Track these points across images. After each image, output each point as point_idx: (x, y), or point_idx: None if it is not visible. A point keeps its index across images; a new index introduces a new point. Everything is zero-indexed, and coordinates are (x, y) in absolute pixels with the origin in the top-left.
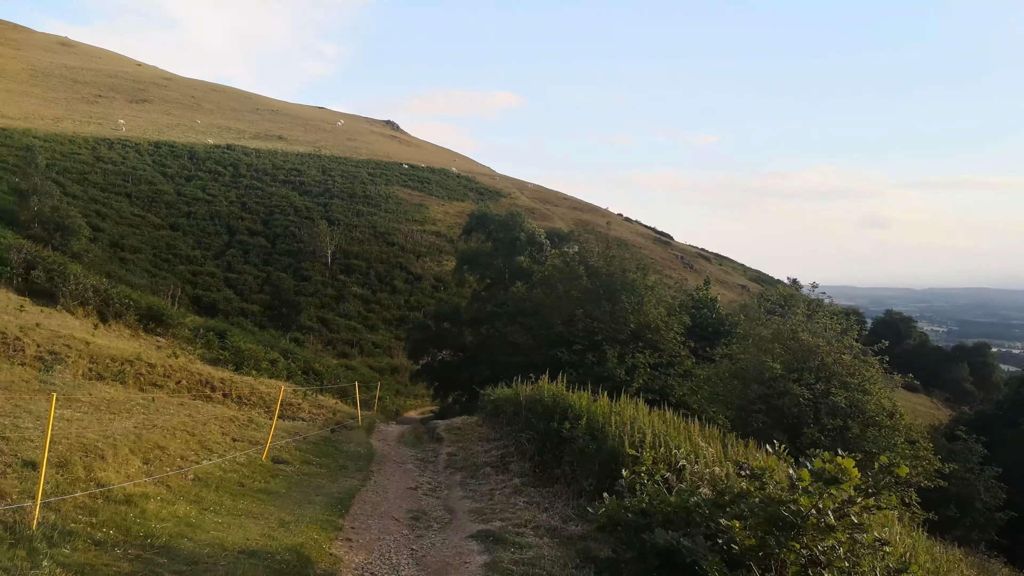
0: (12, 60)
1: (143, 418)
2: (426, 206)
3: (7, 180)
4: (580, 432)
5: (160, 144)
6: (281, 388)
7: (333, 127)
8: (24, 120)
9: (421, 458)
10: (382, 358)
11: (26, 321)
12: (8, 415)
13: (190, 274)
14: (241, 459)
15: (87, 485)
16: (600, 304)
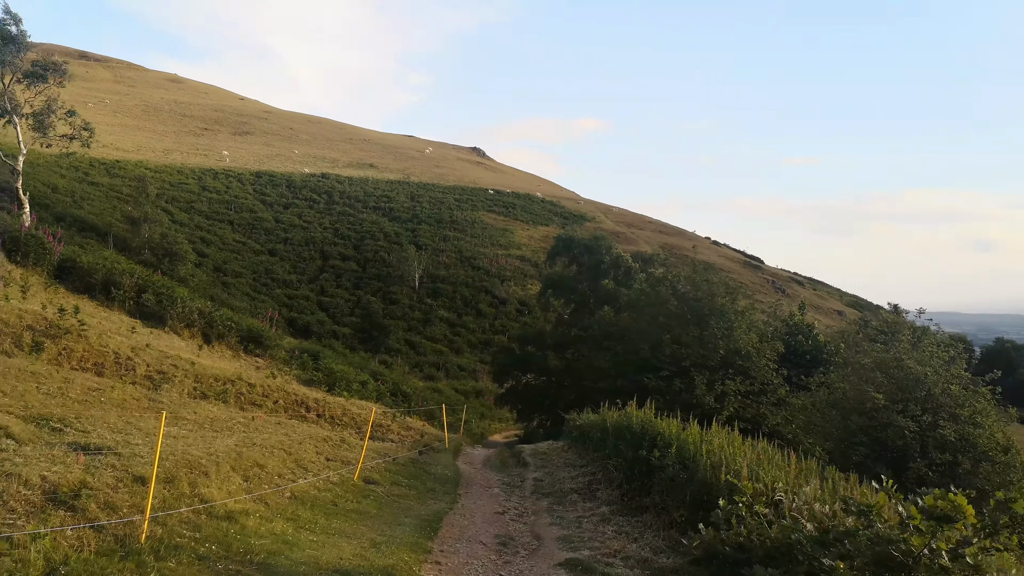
0: (127, 97)
1: (243, 436)
2: (511, 231)
3: (121, 209)
4: (670, 461)
5: (260, 174)
6: (372, 410)
7: (421, 154)
8: (137, 152)
9: (507, 482)
10: (467, 381)
11: (137, 342)
12: (120, 432)
13: (286, 297)
14: (334, 479)
15: (191, 501)
16: (688, 329)
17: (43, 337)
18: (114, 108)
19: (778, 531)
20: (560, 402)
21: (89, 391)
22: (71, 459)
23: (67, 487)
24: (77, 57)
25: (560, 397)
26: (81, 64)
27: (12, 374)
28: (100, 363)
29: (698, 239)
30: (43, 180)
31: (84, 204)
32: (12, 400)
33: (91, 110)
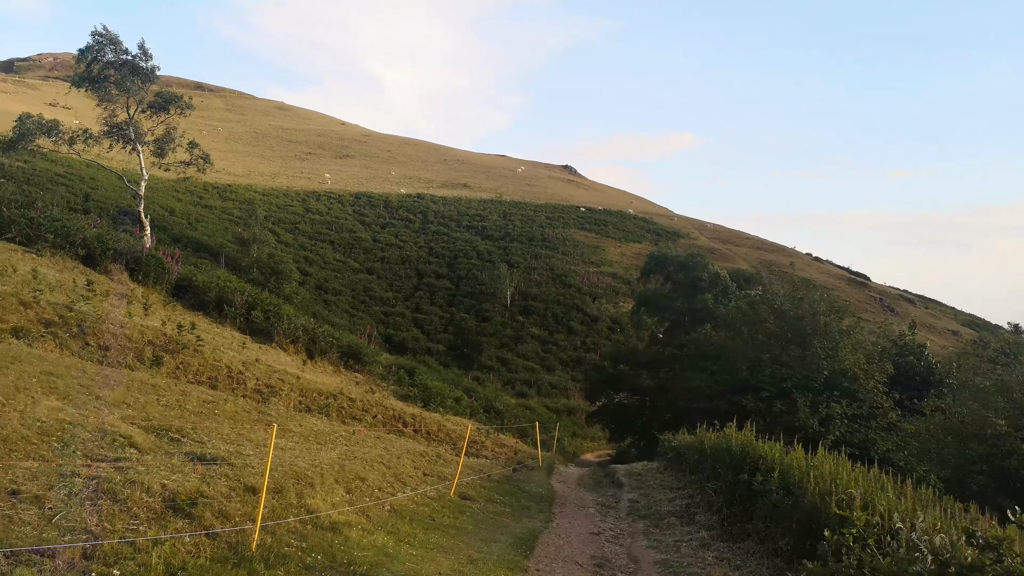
0: (238, 124)
1: (345, 449)
2: (603, 248)
3: (232, 230)
4: (774, 486)
5: (360, 195)
6: (468, 426)
7: (513, 173)
8: (247, 176)
9: (602, 503)
10: (559, 399)
11: (247, 357)
12: (233, 443)
13: (383, 314)
14: (431, 493)
15: (298, 511)
16: (789, 349)
17: (163, 352)
18: (226, 135)
19: (893, 563)
20: (654, 422)
21: (204, 403)
22: (189, 468)
23: (185, 495)
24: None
25: (654, 417)
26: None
27: (135, 387)
28: (214, 377)
29: (798, 255)
30: (162, 204)
31: (198, 226)
32: (135, 411)
33: (205, 137)
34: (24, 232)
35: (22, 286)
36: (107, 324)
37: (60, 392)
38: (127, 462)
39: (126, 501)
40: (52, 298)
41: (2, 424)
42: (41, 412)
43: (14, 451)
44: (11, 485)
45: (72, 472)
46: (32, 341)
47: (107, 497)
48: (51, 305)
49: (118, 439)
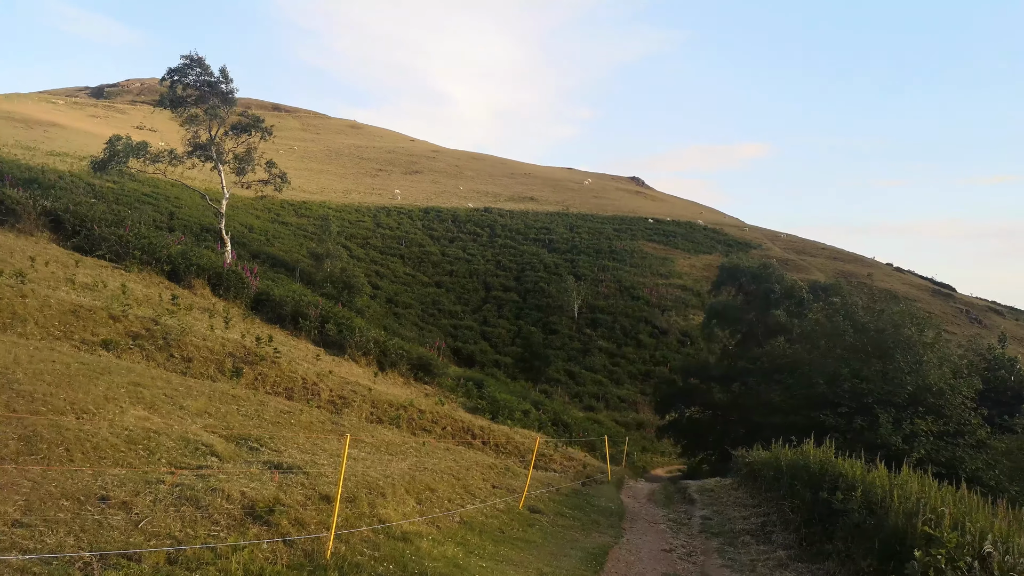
0: (313, 144)
1: (415, 460)
2: (672, 259)
3: (306, 246)
4: (855, 505)
5: (428, 210)
6: (536, 439)
7: (580, 186)
8: (321, 194)
9: (673, 519)
10: (627, 413)
11: (321, 368)
12: (308, 452)
13: (452, 327)
14: (500, 506)
15: (370, 520)
16: (869, 362)
17: (242, 363)
18: (301, 154)
19: None
20: (726, 437)
21: (281, 413)
22: (266, 477)
23: (263, 503)
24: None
25: (726, 432)
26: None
27: (216, 397)
28: (290, 388)
29: (878, 266)
30: (241, 221)
31: (275, 242)
32: (216, 421)
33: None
34: (114, 249)
35: (112, 301)
36: (190, 337)
37: (146, 402)
38: (208, 470)
39: (207, 508)
40: (139, 312)
41: (93, 432)
42: (129, 421)
43: (104, 458)
44: (101, 491)
45: (157, 479)
46: (120, 353)
47: (190, 503)
48: (138, 319)
49: (200, 447)
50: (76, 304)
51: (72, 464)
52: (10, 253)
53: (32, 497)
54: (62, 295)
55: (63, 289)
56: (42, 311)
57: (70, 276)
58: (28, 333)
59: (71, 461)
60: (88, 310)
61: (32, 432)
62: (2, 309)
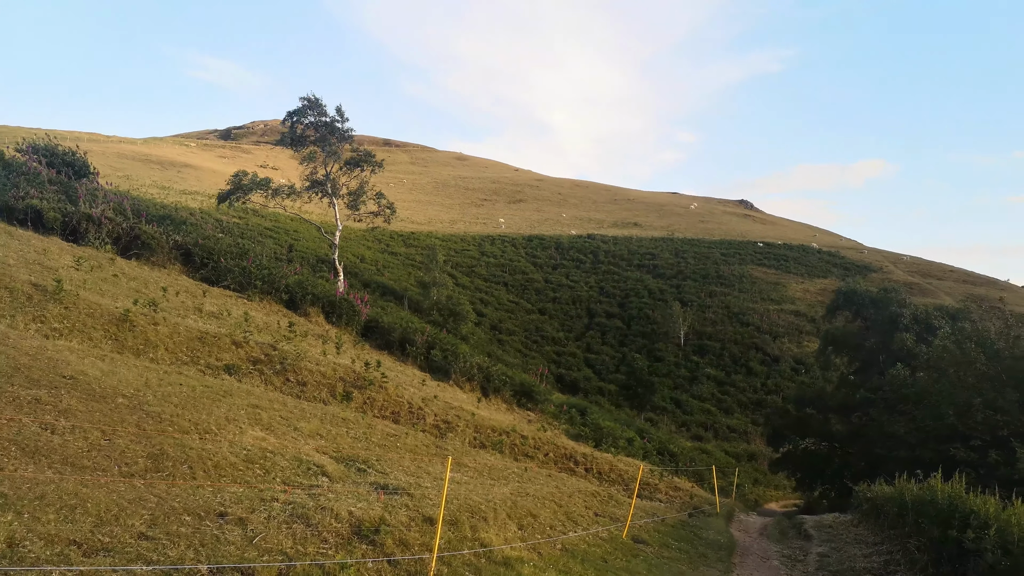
0: (421, 176)
1: (517, 486)
2: (783, 284)
3: (414, 275)
4: (989, 544)
5: (532, 237)
6: (640, 467)
7: (685, 210)
8: (428, 224)
9: (787, 555)
10: (738, 443)
11: (427, 393)
12: (413, 475)
13: (555, 354)
14: (603, 534)
15: (472, 544)
16: (1004, 392)
17: (352, 388)
18: (410, 186)
19: None
20: (846, 471)
21: (387, 436)
22: (373, 497)
23: (369, 523)
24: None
25: (845, 465)
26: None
27: (328, 419)
28: (396, 411)
29: (1013, 289)
30: (353, 252)
31: (385, 272)
32: (327, 442)
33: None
34: (237, 280)
35: (234, 328)
36: (304, 362)
37: (263, 423)
38: (319, 489)
39: (317, 526)
40: (259, 338)
41: (214, 452)
42: (247, 441)
43: (223, 476)
44: (220, 507)
45: (272, 497)
46: (241, 377)
47: (301, 521)
48: (258, 345)
49: (312, 468)
50: (202, 331)
51: (194, 481)
52: (144, 284)
53: (157, 512)
54: (190, 323)
55: (191, 317)
56: (172, 338)
57: (198, 305)
58: (159, 358)
59: (193, 478)
60: (213, 337)
61: (159, 451)
62: (136, 336)
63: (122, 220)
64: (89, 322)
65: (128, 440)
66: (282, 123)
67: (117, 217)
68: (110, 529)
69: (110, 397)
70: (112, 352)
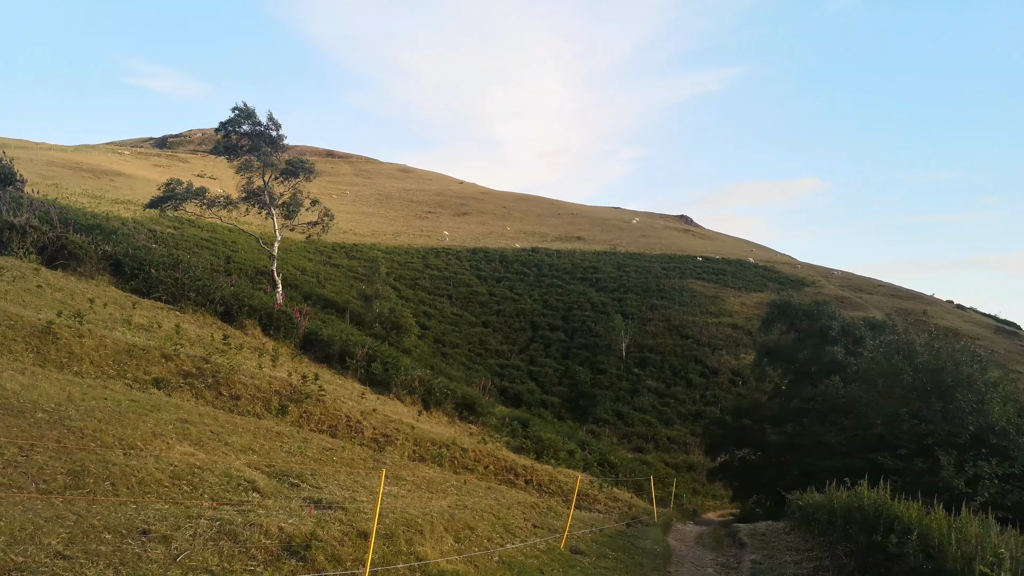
0: (365, 188)
1: (456, 499)
2: (722, 298)
3: (356, 287)
4: (911, 549)
5: (476, 250)
6: (578, 478)
7: (628, 225)
8: (371, 236)
9: (721, 563)
10: (677, 454)
11: (366, 407)
12: (348, 489)
13: (498, 367)
14: (541, 546)
15: (408, 558)
16: (929, 402)
17: (288, 401)
18: (353, 198)
19: None
20: (780, 480)
21: (323, 450)
22: (305, 512)
23: (300, 538)
24: (324, 155)
25: (780, 475)
26: (327, 161)
27: (261, 434)
28: (334, 425)
29: (937, 303)
30: (294, 264)
31: (326, 284)
32: (260, 457)
33: (334, 200)
34: (170, 291)
35: (165, 340)
36: (238, 375)
37: (193, 439)
38: (249, 505)
39: (245, 542)
40: (191, 351)
41: (139, 468)
42: (175, 457)
43: (148, 493)
44: (143, 525)
45: (198, 514)
46: (171, 391)
47: (228, 538)
48: (190, 358)
49: (242, 483)
50: (130, 344)
51: (117, 498)
52: (71, 295)
53: (76, 530)
54: (118, 335)
55: (119, 330)
56: (97, 351)
57: (127, 317)
58: (83, 372)
59: (116, 495)
60: (142, 349)
61: (80, 467)
62: (59, 349)
63: (48, 229)
64: (10, 334)
65: (47, 456)
66: (216, 132)
67: (43, 226)
68: (24, 548)
69: (29, 412)
70: (33, 365)
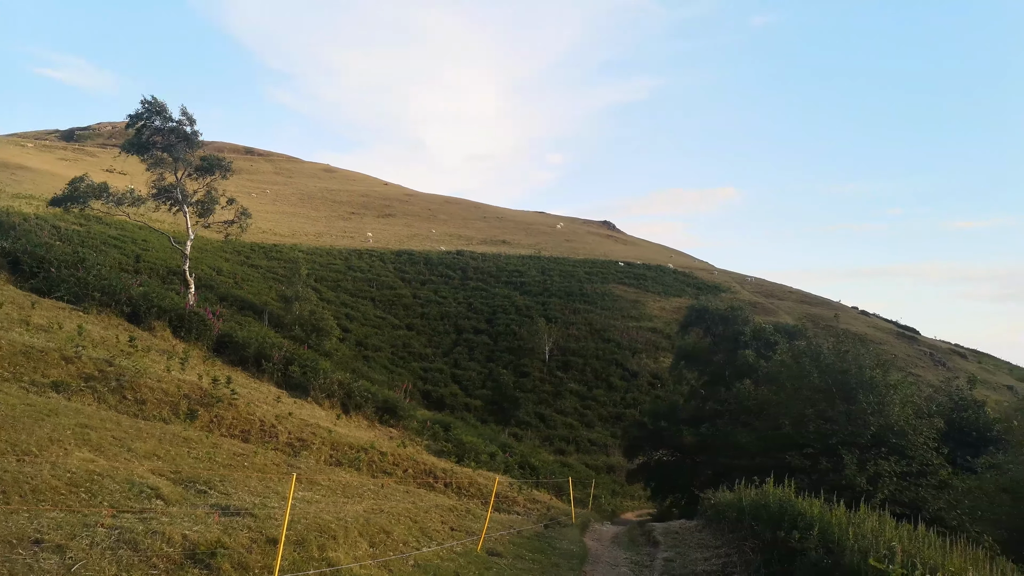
0: (286, 187)
1: (372, 503)
2: (642, 302)
3: (276, 288)
4: (812, 544)
5: (401, 252)
6: (496, 480)
7: (552, 230)
8: (292, 236)
9: (636, 561)
10: (598, 456)
11: (281, 411)
12: (259, 495)
13: (422, 370)
14: (458, 548)
15: (319, 564)
16: (834, 404)
17: (197, 405)
18: (273, 197)
19: None
20: (695, 480)
21: (234, 456)
22: (211, 520)
23: (205, 546)
24: (243, 153)
25: (695, 475)
26: (247, 159)
27: (167, 439)
28: (247, 430)
29: (844, 309)
30: (210, 264)
31: (244, 285)
32: (165, 463)
33: (253, 199)
34: (73, 291)
35: (66, 342)
36: (145, 378)
37: (93, 444)
38: (151, 513)
39: (146, 551)
40: (94, 353)
41: (33, 475)
42: (73, 463)
43: (42, 501)
44: (36, 534)
45: (96, 522)
46: (71, 395)
47: (128, 547)
48: (92, 360)
49: (145, 490)
50: (27, 345)
51: (8, 507)
52: None
53: None
54: (14, 336)
55: (16, 330)
56: None
57: (24, 318)
58: None
59: (7, 503)
60: (40, 351)
61: None
62: None
63: None
64: None
65: None
66: (126, 127)
67: None
68: None
69: None
70: None
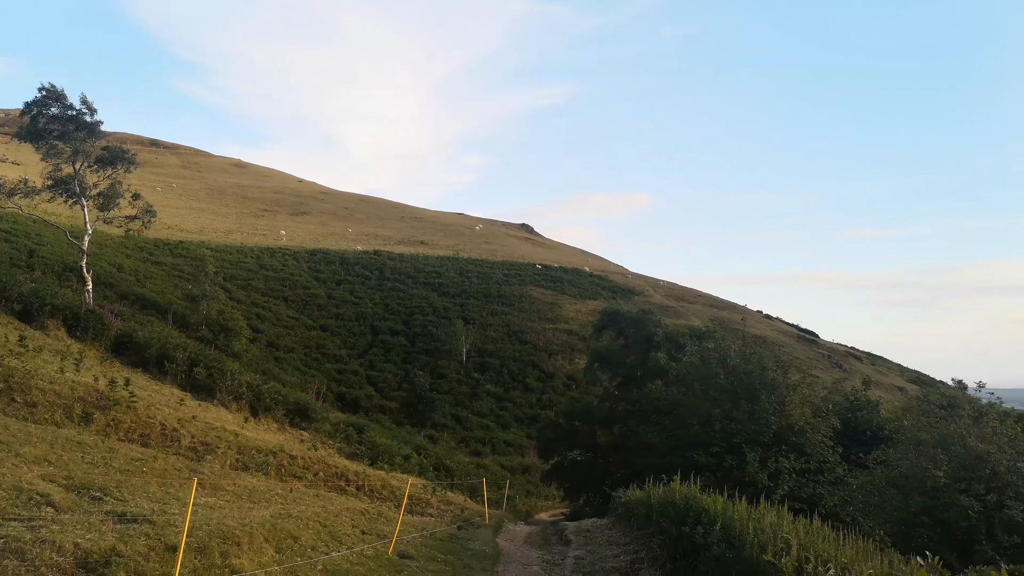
0: (193, 181)
1: (280, 508)
2: (559, 305)
3: (181, 287)
4: (715, 539)
5: (316, 251)
6: (409, 482)
7: (471, 231)
8: (200, 233)
9: (547, 560)
10: (514, 457)
11: (184, 414)
12: (159, 501)
13: (336, 372)
14: (368, 552)
15: (221, 571)
16: (739, 404)
17: (93, 408)
18: (180, 192)
19: None
20: (608, 479)
21: (132, 461)
22: (105, 527)
23: (98, 555)
24: (148, 145)
25: (608, 474)
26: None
27: (59, 444)
28: (146, 434)
29: (750, 313)
30: (109, 260)
31: (147, 283)
32: (56, 469)
33: (159, 194)
34: None
35: None
36: (36, 380)
37: None
38: (41, 520)
39: (34, 560)
40: None
41: None
42: None
43: None
44: None
45: None
46: None
47: (14, 556)
48: None
49: (34, 497)
50: None
51: None
52: None
53: None
54: None
55: None
56: None
57: None
58: None
59: None
60: None
61: None
62: None
63: None
64: None
65: None
66: (21, 115)
67: None
68: None
69: None
70: None
